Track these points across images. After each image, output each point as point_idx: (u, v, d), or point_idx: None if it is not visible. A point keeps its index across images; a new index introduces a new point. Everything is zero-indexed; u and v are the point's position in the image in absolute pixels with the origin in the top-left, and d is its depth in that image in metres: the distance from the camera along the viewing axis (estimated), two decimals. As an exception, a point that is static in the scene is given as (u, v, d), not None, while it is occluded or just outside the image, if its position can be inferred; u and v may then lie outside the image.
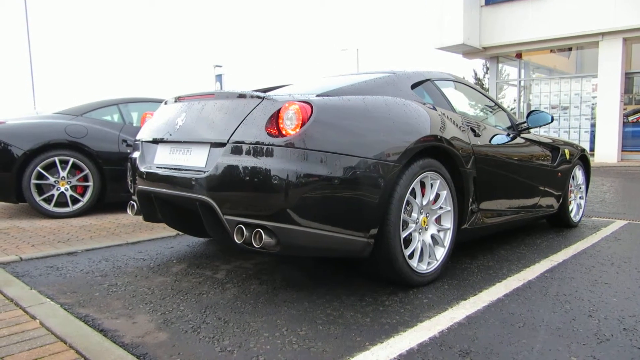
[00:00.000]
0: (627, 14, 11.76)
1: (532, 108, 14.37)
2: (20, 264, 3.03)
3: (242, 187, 2.22)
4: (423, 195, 2.60)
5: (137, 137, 3.09)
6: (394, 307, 2.27)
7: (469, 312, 2.20)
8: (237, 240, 2.23)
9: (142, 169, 2.82)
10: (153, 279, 2.72)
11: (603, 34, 12.33)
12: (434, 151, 2.65)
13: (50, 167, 4.61)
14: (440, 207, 2.73)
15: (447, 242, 2.75)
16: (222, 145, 2.34)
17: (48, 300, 2.35)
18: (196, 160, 2.49)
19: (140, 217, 3.06)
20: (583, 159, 4.58)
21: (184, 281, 2.68)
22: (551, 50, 14.58)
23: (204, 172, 2.37)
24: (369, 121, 2.40)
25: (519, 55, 14.88)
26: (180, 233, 3.93)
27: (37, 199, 4.54)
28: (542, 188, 3.85)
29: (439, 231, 2.72)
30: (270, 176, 2.13)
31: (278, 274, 2.80)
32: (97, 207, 4.97)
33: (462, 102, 3.59)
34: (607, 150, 12.31)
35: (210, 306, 2.29)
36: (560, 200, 4.17)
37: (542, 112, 3.83)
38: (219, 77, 21.15)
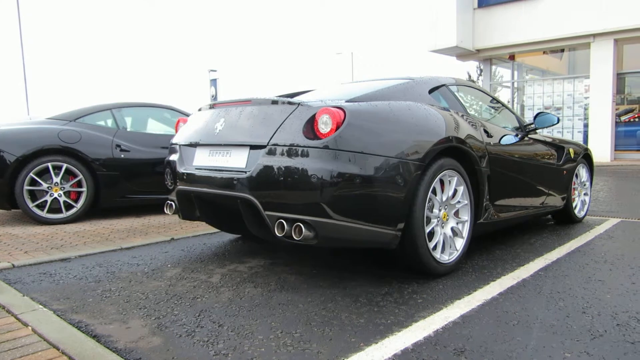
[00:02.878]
0: (618, 16, 11.86)
1: (526, 109, 14.45)
2: (12, 270, 3.01)
3: (282, 185, 2.41)
4: (443, 191, 2.80)
5: (174, 141, 3.28)
6: (389, 307, 2.27)
7: (463, 311, 2.20)
8: (278, 233, 2.42)
9: (182, 170, 3.02)
10: (147, 284, 2.71)
11: (594, 35, 12.43)
12: (452, 151, 2.83)
13: (44, 173, 4.59)
14: (459, 202, 2.91)
15: (466, 234, 2.93)
16: (262, 147, 2.54)
17: (41, 306, 2.34)
18: (236, 162, 2.67)
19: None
20: (587, 158, 4.74)
21: (179, 285, 2.67)
22: (544, 52, 14.66)
23: (245, 172, 2.57)
24: (394, 125, 2.60)
25: (512, 57, 14.96)
26: (175, 237, 3.92)
27: (30, 205, 4.52)
28: (549, 185, 4.03)
29: (457, 224, 2.91)
30: (308, 175, 2.34)
31: (273, 277, 2.80)
32: (91, 212, 4.96)
33: (474, 105, 3.86)
34: (600, 150, 12.37)
35: (204, 310, 2.29)
36: (565, 197, 4.32)
37: (549, 114, 4.00)
38: (213, 82, 21.10)
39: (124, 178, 5.00)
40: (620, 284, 2.61)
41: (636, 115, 13.32)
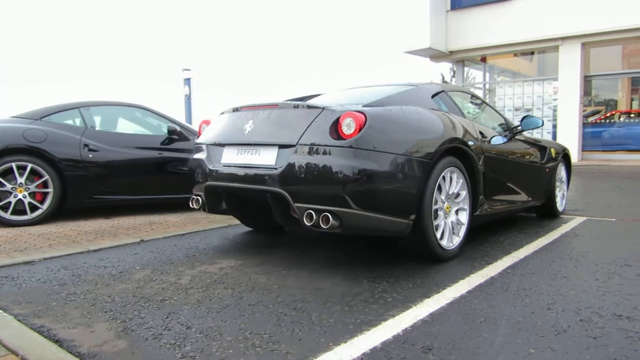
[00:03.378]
0: (585, 20, 12.19)
1: (498, 110, 14.69)
2: (-27, 274, 2.90)
3: (310, 180, 2.69)
4: (446, 186, 3.10)
5: (200, 141, 3.52)
6: (359, 307, 2.28)
7: (432, 309, 2.22)
8: (307, 223, 2.70)
9: (210, 167, 3.24)
10: (114, 287, 2.65)
11: (563, 39, 12.74)
12: (455, 151, 3.15)
13: (7, 173, 4.44)
14: (459, 195, 3.23)
15: (465, 224, 3.27)
16: (291, 146, 2.80)
17: (0, 311, 2.26)
18: (265, 159, 2.93)
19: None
20: (565, 157, 5.15)
21: (147, 288, 2.62)
22: (514, 54, 14.97)
23: (276, 168, 2.82)
24: (407, 127, 2.92)
25: (483, 59, 15.23)
26: (145, 239, 3.85)
27: (-7, 207, 4.37)
28: (534, 182, 4.44)
29: (458, 216, 3.24)
30: (333, 171, 2.62)
31: (243, 278, 2.77)
32: (58, 214, 4.82)
33: (467, 108, 4.19)
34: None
35: (173, 312, 2.25)
36: (548, 193, 4.70)
37: (534, 117, 4.33)
38: (187, 81, 20.86)
39: (93, 178, 4.88)
40: (584, 280, 2.67)
41: (603, 117, 13.73)
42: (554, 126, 13.53)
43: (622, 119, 13.62)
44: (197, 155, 3.48)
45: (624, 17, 11.57)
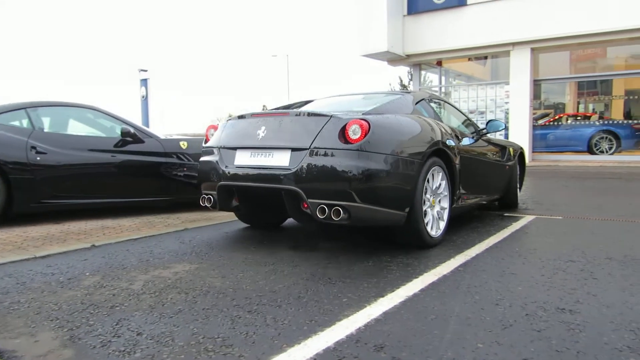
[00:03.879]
0: (535, 26, 12.69)
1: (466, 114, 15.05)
2: None
3: (322, 178, 3.07)
4: (432, 183, 3.54)
5: (210, 145, 3.81)
6: (313, 308, 2.28)
7: (385, 308, 2.26)
8: (320, 216, 3.06)
9: (223, 169, 3.54)
10: (61, 294, 2.55)
11: (514, 44, 13.21)
12: (439, 152, 3.59)
13: (-54, 179, 4.21)
14: (441, 190, 3.65)
15: (446, 216, 3.73)
16: (304, 149, 3.17)
17: (-64, 322, 2.14)
18: (279, 161, 3.27)
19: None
20: (521, 156, 5.80)
21: (96, 294, 2.54)
22: (469, 59, 15.40)
23: (290, 169, 3.17)
24: (402, 132, 3.38)
25: (439, 63, 15.58)
26: (96, 244, 3.73)
27: None
28: (498, 178, 5.03)
29: (441, 208, 3.67)
30: (343, 170, 3.02)
31: (198, 282, 2.73)
32: (3, 219, 4.61)
33: (443, 113, 4.78)
34: (520, 152, 13.15)
35: (123, 319, 2.19)
36: (508, 188, 5.30)
37: (498, 120, 4.88)
38: (144, 82, 20.36)
39: (41, 182, 4.69)
40: (531, 276, 2.78)
41: (551, 120, 14.32)
42: (506, 128, 14.00)
43: (569, 121, 14.26)
44: (207, 158, 3.76)
45: (570, 25, 12.12)
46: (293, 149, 3.22)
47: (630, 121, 13.38)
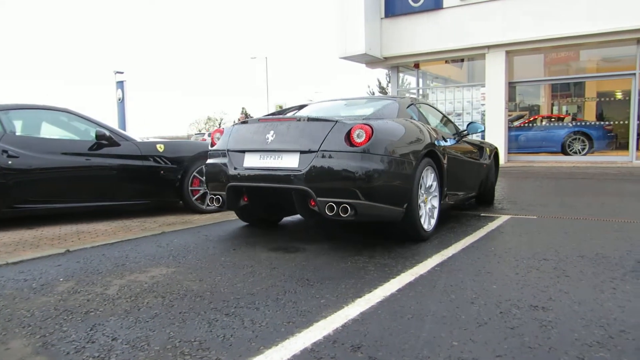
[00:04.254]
0: (509, 30, 12.92)
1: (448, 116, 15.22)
2: None
3: (330, 178, 3.32)
4: (424, 181, 3.80)
5: (217, 148, 4.00)
6: (291, 309, 2.29)
7: (363, 308, 2.27)
8: (328, 213, 3.30)
9: (232, 171, 3.75)
10: (34, 300, 2.50)
11: (489, 47, 13.43)
12: (430, 153, 3.88)
13: None
14: (433, 188, 3.95)
15: (437, 211, 4.03)
16: (313, 152, 3.40)
17: None
18: (288, 163, 3.49)
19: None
20: (496, 155, 6.20)
21: (71, 300, 2.50)
22: (446, 61, 15.59)
23: (300, 170, 3.39)
24: (401, 136, 3.66)
25: (416, 66, 15.74)
26: (71, 249, 3.67)
27: None
28: (476, 176, 5.38)
29: (432, 206, 3.97)
30: (349, 171, 3.26)
31: (175, 286, 2.71)
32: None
33: (429, 116, 4.96)
34: (496, 153, 13.37)
35: (98, 324, 2.16)
36: (486, 184, 5.69)
37: (477, 123, 5.24)
38: (120, 84, 20.08)
39: (13, 186, 4.58)
40: (505, 275, 2.83)
41: (526, 121, 14.59)
42: (482, 130, 14.20)
43: (543, 123, 14.55)
44: (215, 161, 3.96)
45: (543, 28, 12.38)
46: (301, 152, 3.45)
47: (602, 122, 13.72)
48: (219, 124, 64.10)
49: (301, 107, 5.14)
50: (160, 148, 5.49)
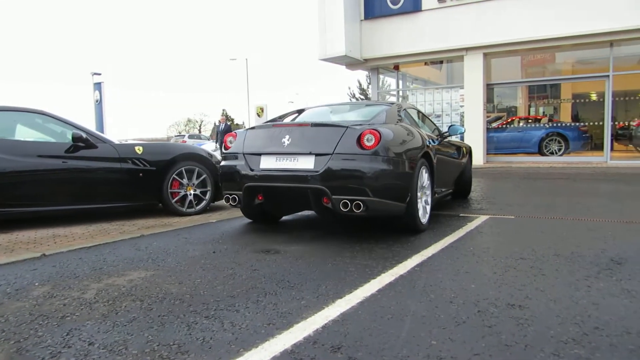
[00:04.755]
0: (486, 32, 13.11)
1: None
2: None
3: (344, 178, 3.69)
4: (420, 179, 4.18)
5: (232, 151, 4.25)
6: (271, 311, 2.28)
7: (343, 309, 2.28)
8: (343, 209, 3.66)
9: (249, 172, 4.03)
10: (8, 305, 2.45)
11: (467, 49, 13.60)
12: (425, 154, 4.30)
13: None
14: (426, 186, 4.36)
15: (429, 206, 4.46)
16: (327, 155, 3.75)
17: None
18: (304, 164, 3.82)
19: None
20: (470, 153, 6.88)
21: (46, 304, 2.45)
22: (425, 63, 15.73)
23: (317, 171, 3.72)
24: (403, 139, 4.10)
25: (396, 67, 15.85)
26: (47, 253, 3.59)
27: None
28: (455, 173, 5.97)
29: (425, 202, 4.37)
30: (361, 171, 3.65)
31: (154, 289, 2.68)
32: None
33: (416, 119, 5.34)
34: (474, 154, 13.52)
35: (74, 329, 2.12)
36: (461, 181, 6.30)
37: (457, 125, 5.88)
38: (97, 86, 19.77)
39: (-14, 190, 4.47)
40: (484, 274, 2.87)
41: (504, 122, 14.83)
42: (463, 132, 14.37)
43: (521, 124, 14.80)
44: (230, 162, 4.22)
45: (519, 31, 12.60)
46: (317, 154, 3.78)
47: (577, 124, 14.02)
48: (199, 126, 63.57)
49: (300, 111, 5.47)
50: (138, 150, 5.42)
